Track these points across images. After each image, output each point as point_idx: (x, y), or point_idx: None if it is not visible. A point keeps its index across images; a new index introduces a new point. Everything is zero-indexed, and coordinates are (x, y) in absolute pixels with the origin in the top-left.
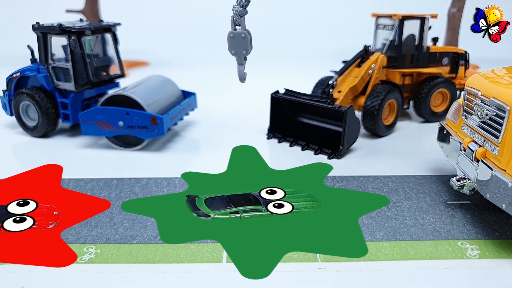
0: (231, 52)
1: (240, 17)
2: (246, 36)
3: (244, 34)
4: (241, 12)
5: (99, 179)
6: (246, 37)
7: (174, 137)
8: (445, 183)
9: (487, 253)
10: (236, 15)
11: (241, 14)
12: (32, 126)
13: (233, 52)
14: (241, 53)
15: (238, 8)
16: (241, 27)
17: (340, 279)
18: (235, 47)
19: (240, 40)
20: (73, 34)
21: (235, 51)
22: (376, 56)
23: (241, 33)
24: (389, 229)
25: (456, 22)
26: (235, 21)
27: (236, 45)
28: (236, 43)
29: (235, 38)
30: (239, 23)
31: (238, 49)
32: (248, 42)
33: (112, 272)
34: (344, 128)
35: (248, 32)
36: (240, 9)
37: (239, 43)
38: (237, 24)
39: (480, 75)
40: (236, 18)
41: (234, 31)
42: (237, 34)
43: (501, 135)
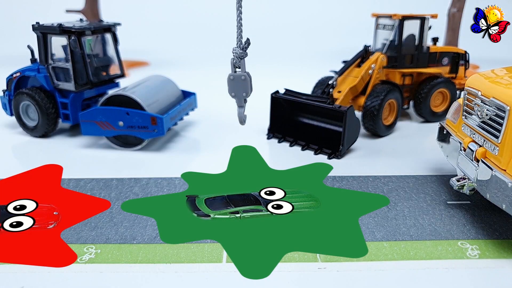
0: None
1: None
2: (246, 78)
3: (244, 77)
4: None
5: (99, 179)
6: (246, 79)
7: (174, 137)
8: (445, 183)
9: (487, 253)
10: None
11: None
12: (32, 126)
13: (233, 94)
14: (241, 95)
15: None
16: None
17: (340, 279)
18: (235, 90)
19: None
20: (73, 34)
21: (235, 93)
22: (376, 56)
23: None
24: (389, 229)
25: (456, 22)
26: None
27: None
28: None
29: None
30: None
31: (238, 92)
32: (248, 85)
33: (112, 272)
34: (344, 128)
35: (248, 74)
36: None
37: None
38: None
39: (480, 75)
40: (236, 60)
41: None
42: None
43: (501, 135)
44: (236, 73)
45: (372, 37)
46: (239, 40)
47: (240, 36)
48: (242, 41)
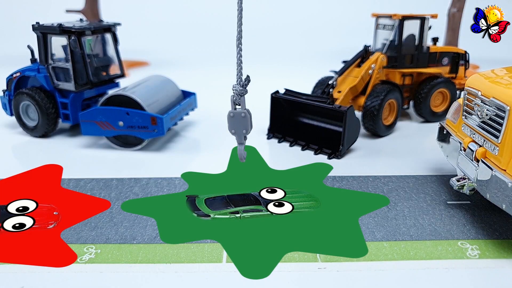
0: (231, 132)
1: (240, 97)
2: (246, 115)
3: (244, 114)
4: (241, 91)
5: (99, 179)
6: (246, 116)
7: (174, 137)
8: (445, 183)
9: (487, 253)
10: (236, 94)
11: (241, 94)
12: (32, 126)
13: (233, 131)
14: (241, 132)
15: (238, 88)
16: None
17: (340, 279)
18: (235, 127)
19: (240, 119)
20: (73, 34)
21: (235, 130)
22: (376, 56)
23: (241, 113)
24: (389, 229)
25: (456, 22)
26: (235, 100)
27: (236, 125)
28: (236, 123)
29: (235, 118)
30: (239, 103)
31: (238, 129)
32: (248, 122)
33: (112, 272)
34: (344, 128)
35: (248, 111)
36: (240, 89)
37: (239, 123)
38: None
39: (480, 75)
40: (236, 97)
41: (234, 111)
42: (237, 113)
43: (501, 135)
44: (236, 110)
45: (372, 37)
46: (239, 77)
47: (240, 73)
48: (242, 78)
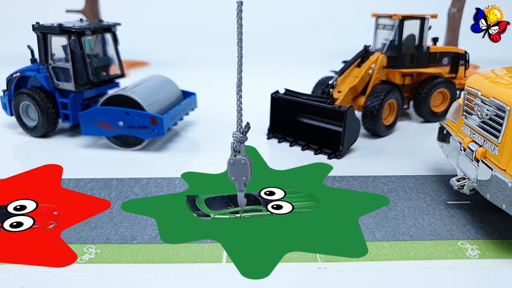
0: (231, 179)
1: (240, 144)
2: (246, 162)
3: (244, 161)
4: (241, 138)
5: (99, 179)
6: (246, 163)
7: (174, 137)
8: (445, 183)
9: (487, 253)
10: (236, 141)
11: (241, 141)
12: (32, 126)
13: (233, 178)
14: (241, 179)
15: (238, 135)
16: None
17: (340, 279)
18: (235, 174)
19: (240, 166)
20: (73, 34)
21: (235, 177)
22: (376, 56)
23: (241, 160)
24: (389, 229)
25: (456, 22)
26: (235, 147)
27: (236, 172)
28: (236, 170)
29: (235, 165)
30: (239, 150)
31: (238, 176)
32: (248, 169)
33: (112, 272)
34: (344, 128)
35: (248, 159)
36: (240, 136)
37: (239, 170)
38: (237, 151)
39: (480, 75)
40: (236, 144)
41: (234, 158)
42: (237, 160)
43: (501, 135)
44: (236, 158)
45: (372, 37)
46: (239, 124)
47: (240, 120)
48: (242, 125)
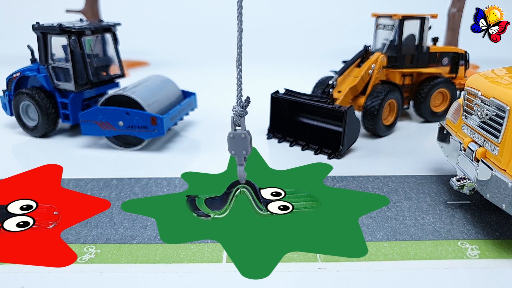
0: (231, 153)
1: (240, 118)
2: (246, 136)
3: (244, 135)
4: (241, 112)
5: (99, 179)
6: (246, 137)
7: (174, 137)
8: (445, 183)
9: (487, 253)
10: (236, 115)
11: (241, 115)
12: (32, 126)
13: (233, 152)
14: (241, 153)
15: (238, 109)
16: (241, 128)
17: (340, 279)
18: (235, 148)
19: (240, 140)
20: (73, 34)
21: (235, 151)
22: (376, 56)
23: (241, 134)
24: (389, 229)
25: (456, 22)
26: (235, 121)
27: (236, 146)
28: (236, 144)
29: (235, 139)
30: (239, 124)
31: (238, 150)
32: (248, 143)
33: (112, 272)
34: (344, 128)
35: (248, 132)
36: (240, 110)
37: (239, 144)
38: (237, 125)
39: (480, 75)
40: (236, 118)
41: (234, 132)
42: (237, 134)
43: (501, 135)
44: (236, 132)
45: (372, 37)
46: (239, 98)
47: (240, 95)
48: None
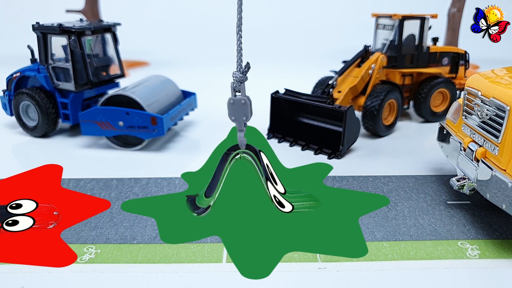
0: (231, 119)
1: (240, 84)
2: (246, 102)
3: (244, 101)
4: (241, 78)
5: (99, 179)
6: (246, 103)
7: (174, 137)
8: (445, 183)
9: (487, 253)
10: (236, 81)
11: (241, 81)
12: (32, 126)
13: (233, 118)
14: (241, 119)
15: (238, 75)
16: (241, 94)
17: (340, 279)
18: (235, 114)
19: (240, 106)
20: (73, 34)
21: (235, 117)
22: (376, 56)
23: (241, 100)
24: (389, 229)
25: (456, 22)
26: (235, 87)
27: (236, 112)
28: (236, 110)
29: (235, 105)
30: (239, 90)
31: (238, 116)
32: (248, 109)
33: (112, 272)
34: (344, 128)
35: (248, 98)
36: (240, 76)
37: (239, 110)
38: (237, 91)
39: (480, 75)
40: (236, 84)
41: (234, 98)
42: (237, 100)
43: (501, 135)
44: (236, 97)
45: (372, 37)
46: (239, 64)
47: (240, 60)
48: (242, 65)
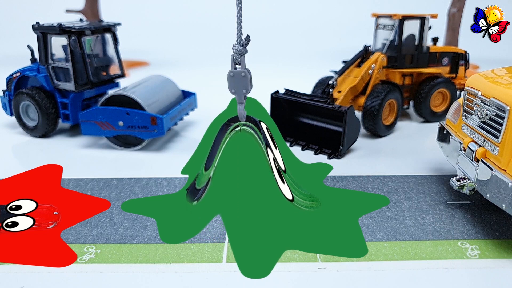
0: (231, 91)
1: (240, 56)
2: (246, 75)
3: (244, 73)
4: (241, 51)
5: (99, 179)
6: (246, 76)
7: (174, 137)
8: (445, 183)
9: (487, 253)
10: (236, 54)
11: (241, 53)
12: (32, 126)
13: (233, 91)
14: (241, 92)
15: (238, 47)
16: (241, 66)
17: (340, 279)
18: (235, 86)
19: (240, 79)
20: (73, 34)
21: (235, 90)
22: (376, 56)
23: (241, 72)
24: (389, 229)
25: (456, 22)
26: (235, 60)
27: (236, 84)
28: (236, 82)
29: (235, 77)
30: (239, 62)
31: (238, 88)
32: (248, 81)
33: (112, 272)
34: (344, 128)
35: (248, 71)
36: (240, 48)
37: (239, 82)
38: (237, 63)
39: (480, 75)
40: (236, 57)
41: (234, 70)
42: (237, 73)
43: (501, 135)
44: (236, 70)
45: (372, 37)
46: (239, 37)
47: (240, 33)
48: (242, 37)
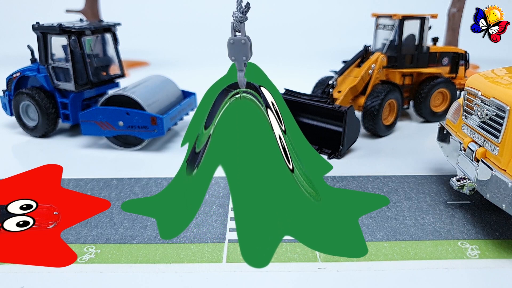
0: (231, 58)
1: (240, 23)
2: (246, 42)
3: (244, 41)
4: (241, 18)
5: (99, 179)
6: (246, 43)
7: (174, 137)
8: (445, 183)
9: (487, 253)
10: (236, 21)
11: (241, 21)
12: (32, 126)
13: (233, 58)
14: (241, 59)
15: (238, 14)
16: (241, 34)
17: (340, 279)
18: (235, 54)
19: (240, 46)
20: (73, 34)
21: (235, 57)
22: (376, 56)
23: (241, 39)
24: (389, 229)
25: (456, 22)
26: (235, 27)
27: (236, 52)
28: (236, 50)
29: (235, 45)
30: (239, 29)
31: (238, 56)
32: (248, 48)
33: (112, 272)
34: (344, 128)
35: (248, 38)
36: (240, 15)
37: (239, 50)
38: (237, 31)
39: (480, 75)
40: (236, 24)
41: (234, 38)
42: (237, 40)
43: (501, 135)
44: (236, 37)
45: (372, 37)
46: (239, 4)
47: (240, 0)
48: (242, 5)
